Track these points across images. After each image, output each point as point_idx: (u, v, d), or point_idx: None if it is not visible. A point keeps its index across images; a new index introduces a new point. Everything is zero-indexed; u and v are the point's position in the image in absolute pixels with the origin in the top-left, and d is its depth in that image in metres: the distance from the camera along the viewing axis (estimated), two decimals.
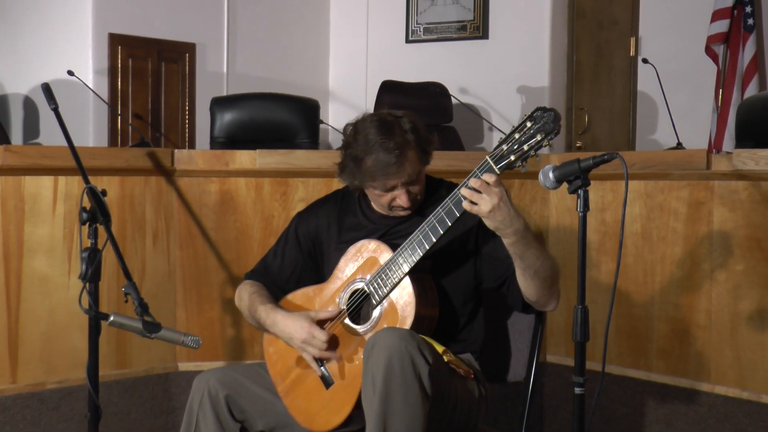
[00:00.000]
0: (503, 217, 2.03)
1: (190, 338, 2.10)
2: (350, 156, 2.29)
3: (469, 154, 3.62)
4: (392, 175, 2.24)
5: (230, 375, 2.39)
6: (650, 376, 3.22)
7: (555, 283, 2.22)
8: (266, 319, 2.39)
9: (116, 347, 3.21)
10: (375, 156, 2.23)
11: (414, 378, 2.01)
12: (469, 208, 2.05)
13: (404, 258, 2.19)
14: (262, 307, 2.41)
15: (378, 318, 2.23)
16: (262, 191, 3.36)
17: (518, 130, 2.03)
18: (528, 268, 2.13)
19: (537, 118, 2.01)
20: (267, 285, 2.51)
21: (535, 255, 2.11)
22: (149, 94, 5.76)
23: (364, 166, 2.25)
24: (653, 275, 3.21)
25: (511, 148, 2.03)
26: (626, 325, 3.28)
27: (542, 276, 2.14)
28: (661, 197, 3.19)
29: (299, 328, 2.29)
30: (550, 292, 2.21)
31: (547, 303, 2.25)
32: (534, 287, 2.16)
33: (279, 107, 4.87)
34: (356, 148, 2.27)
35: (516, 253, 2.11)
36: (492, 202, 2.02)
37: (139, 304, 2.03)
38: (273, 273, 2.52)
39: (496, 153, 2.05)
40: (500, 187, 2.03)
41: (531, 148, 2.01)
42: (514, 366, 2.52)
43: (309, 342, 2.27)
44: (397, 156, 2.22)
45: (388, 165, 2.22)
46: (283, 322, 2.34)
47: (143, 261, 3.27)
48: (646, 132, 6.09)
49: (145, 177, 3.27)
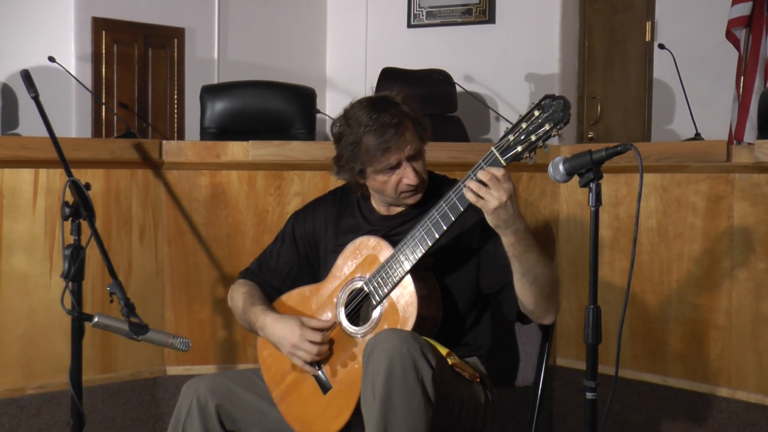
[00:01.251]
0: (507, 216, 2.04)
1: (179, 340, 2.10)
2: (346, 144, 2.30)
3: (474, 146, 3.62)
4: (394, 148, 2.24)
5: (221, 383, 2.39)
6: (666, 380, 3.22)
7: (554, 294, 2.22)
8: (256, 322, 2.39)
9: (101, 350, 3.22)
10: (372, 133, 2.24)
11: (416, 382, 2.01)
12: (475, 201, 2.05)
13: (405, 255, 2.19)
14: (254, 308, 2.41)
15: (378, 319, 2.23)
16: (255, 185, 3.36)
17: (525, 120, 2.03)
18: (527, 273, 2.13)
19: (545, 107, 2.01)
20: (261, 285, 2.52)
21: (534, 259, 2.12)
22: (135, 82, 5.76)
23: (363, 148, 2.26)
24: (669, 274, 3.21)
25: (518, 138, 2.04)
26: (641, 326, 3.28)
27: (541, 283, 2.14)
28: (678, 191, 3.19)
29: (289, 332, 2.29)
30: (548, 303, 2.21)
31: (544, 315, 2.24)
32: (532, 295, 2.16)
33: (273, 96, 4.87)
34: (350, 134, 2.28)
35: (515, 255, 2.11)
36: (500, 198, 2.02)
37: (125, 304, 2.04)
38: (269, 273, 2.53)
39: (502, 144, 2.06)
40: (510, 183, 2.03)
41: (539, 138, 2.01)
42: (523, 370, 2.53)
43: (298, 347, 2.27)
44: (395, 126, 2.23)
45: (388, 139, 2.23)
46: (272, 326, 2.34)
47: (129, 259, 3.27)
48: (663, 122, 6.09)
49: (132, 170, 3.27)
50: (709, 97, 5.66)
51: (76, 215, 2.16)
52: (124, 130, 4.68)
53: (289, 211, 3.29)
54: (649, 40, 6.12)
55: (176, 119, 5.94)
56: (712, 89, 5.74)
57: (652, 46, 6.06)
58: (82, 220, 2.16)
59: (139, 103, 5.77)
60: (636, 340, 3.30)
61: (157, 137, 5.72)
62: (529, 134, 2.02)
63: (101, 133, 5.58)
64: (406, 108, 2.29)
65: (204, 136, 4.77)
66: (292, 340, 2.28)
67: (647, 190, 3.25)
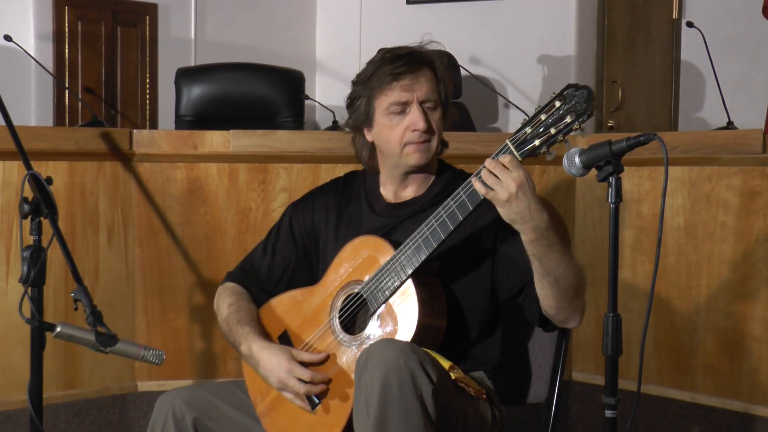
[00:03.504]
0: (521, 208, 2.04)
1: (152, 352, 2.11)
2: (359, 83, 2.38)
3: (480, 136, 3.63)
4: (406, 82, 2.30)
5: (199, 394, 2.40)
6: (695, 397, 3.23)
7: (579, 296, 2.21)
8: (242, 344, 2.39)
9: (64, 364, 3.22)
10: (386, 64, 2.32)
11: (415, 398, 2.01)
12: (484, 192, 2.06)
13: (408, 258, 2.19)
14: (240, 329, 2.41)
15: (374, 328, 2.23)
16: (237, 179, 3.37)
17: (545, 111, 2.04)
18: (548, 275, 2.13)
19: (567, 97, 2.02)
20: (252, 290, 2.52)
21: (557, 259, 2.11)
22: (102, 64, 5.75)
23: (374, 78, 2.33)
24: (699, 278, 3.22)
25: (536, 131, 2.04)
26: (667, 336, 3.29)
27: (563, 285, 2.14)
28: (708, 186, 3.20)
29: (276, 366, 2.29)
30: (573, 306, 2.21)
31: (568, 318, 2.24)
32: (553, 297, 2.16)
33: (257, 80, 4.88)
34: (364, 72, 2.37)
35: (534, 255, 2.11)
36: (509, 189, 2.02)
37: (91, 312, 2.04)
38: (261, 274, 2.53)
39: (519, 136, 2.06)
40: (520, 171, 2.03)
41: (559, 132, 2.02)
42: (535, 385, 2.53)
43: (287, 382, 2.27)
44: (411, 59, 2.31)
45: (400, 67, 2.29)
46: (259, 355, 2.34)
47: (96, 261, 3.27)
48: (691, 109, 6.10)
49: (99, 162, 3.27)
50: (743, 81, 5.66)
51: (36, 213, 2.15)
52: (89, 118, 4.68)
53: (274, 208, 3.30)
54: (677, 18, 6.12)
55: (148, 106, 5.94)
56: (746, 72, 5.75)
57: (680, 24, 6.06)
58: (42, 218, 2.16)
59: (106, 88, 5.77)
60: (661, 351, 3.31)
61: (127, 126, 5.73)
62: (548, 127, 2.03)
63: (64, 121, 5.58)
64: (429, 56, 2.35)
65: (179, 125, 4.78)
66: (279, 375, 2.29)
67: (673, 185, 3.25)
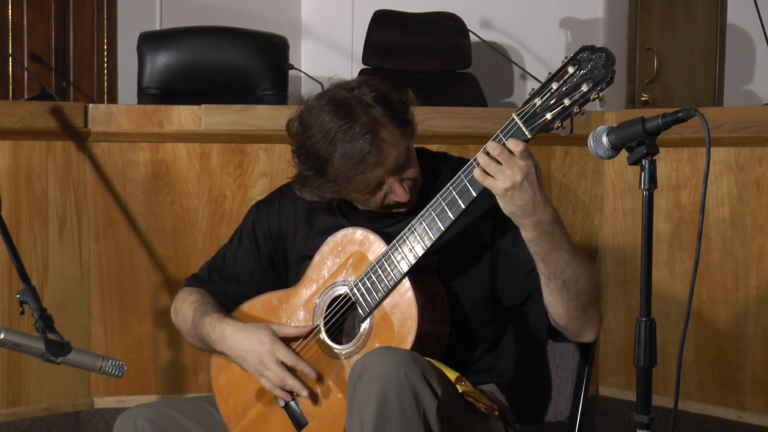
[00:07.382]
0: (524, 201, 2.03)
1: (111, 363, 2.11)
2: (308, 164, 2.28)
3: (492, 111, 3.63)
4: (371, 167, 2.23)
5: (164, 413, 2.40)
6: (743, 416, 3.24)
7: (593, 304, 2.21)
8: (212, 333, 2.39)
9: (7, 377, 3.22)
10: (341, 151, 2.22)
11: (416, 416, 2.02)
12: (482, 179, 2.05)
13: (402, 253, 2.20)
14: (207, 318, 2.42)
15: (367, 334, 2.24)
16: (209, 162, 3.37)
17: (556, 79, 2.03)
18: (554, 278, 2.13)
19: (582, 62, 2.02)
20: (215, 293, 2.53)
21: (564, 260, 2.11)
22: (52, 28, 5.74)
23: (331, 170, 2.25)
24: (747, 278, 3.22)
25: (546, 102, 2.04)
26: (709, 346, 3.30)
27: (573, 291, 2.14)
28: (758, 170, 3.20)
29: (256, 343, 2.30)
30: (586, 315, 2.20)
31: (582, 331, 2.24)
32: (562, 305, 2.16)
33: (232, 47, 4.87)
34: (312, 149, 2.26)
35: (538, 254, 2.11)
36: (512, 178, 2.02)
37: (39, 316, 2.05)
38: (224, 279, 2.53)
39: (526, 109, 2.06)
40: (528, 160, 2.03)
41: (574, 103, 2.02)
42: (556, 401, 2.54)
43: (267, 362, 2.28)
44: (369, 141, 2.21)
45: (362, 157, 2.21)
46: (233, 337, 2.34)
47: (45, 258, 3.28)
48: (739, 81, 6.10)
49: (48, 142, 3.27)
50: None
51: None
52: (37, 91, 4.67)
53: (252, 195, 3.30)
54: None
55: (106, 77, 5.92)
56: None
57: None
58: None
59: (56, 56, 5.76)
60: (702, 363, 3.31)
61: (81, 100, 5.71)
62: (561, 97, 2.03)
63: (7, 94, 5.57)
64: (378, 110, 2.25)
65: (142, 99, 4.77)
66: (260, 352, 2.28)
67: (718, 170, 3.26)
